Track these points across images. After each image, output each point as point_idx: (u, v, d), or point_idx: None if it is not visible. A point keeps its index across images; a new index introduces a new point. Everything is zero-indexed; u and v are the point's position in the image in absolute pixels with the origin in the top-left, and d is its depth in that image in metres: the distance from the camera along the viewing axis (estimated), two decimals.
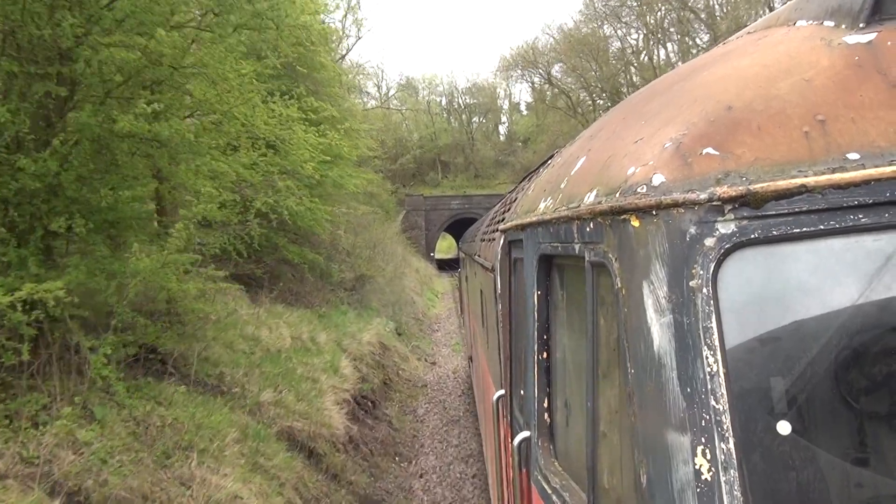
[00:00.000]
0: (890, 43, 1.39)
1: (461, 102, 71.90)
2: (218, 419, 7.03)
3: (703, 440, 1.26)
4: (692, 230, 1.33)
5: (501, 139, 71.75)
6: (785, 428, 1.27)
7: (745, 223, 1.30)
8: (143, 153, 6.75)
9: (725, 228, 1.31)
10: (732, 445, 1.25)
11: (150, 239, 7.37)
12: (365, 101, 53.10)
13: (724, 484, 1.23)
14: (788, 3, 1.81)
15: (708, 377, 1.28)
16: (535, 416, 2.49)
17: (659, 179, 1.39)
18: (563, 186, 2.12)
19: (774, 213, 1.28)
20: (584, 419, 1.86)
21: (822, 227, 1.27)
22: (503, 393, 3.69)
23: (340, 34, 34.83)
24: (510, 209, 4.21)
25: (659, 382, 1.34)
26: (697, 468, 1.25)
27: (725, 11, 44.35)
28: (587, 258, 1.73)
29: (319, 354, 11.37)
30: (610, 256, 1.55)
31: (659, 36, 50.93)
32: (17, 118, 5.46)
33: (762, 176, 1.29)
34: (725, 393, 1.27)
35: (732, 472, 1.24)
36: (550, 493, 2.21)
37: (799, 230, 1.28)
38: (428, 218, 51.91)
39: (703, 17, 45.92)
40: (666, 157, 1.42)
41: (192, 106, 7.65)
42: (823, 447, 1.28)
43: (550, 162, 3.60)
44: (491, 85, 71.76)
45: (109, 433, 5.65)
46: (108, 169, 6.60)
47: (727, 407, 1.26)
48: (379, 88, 64.84)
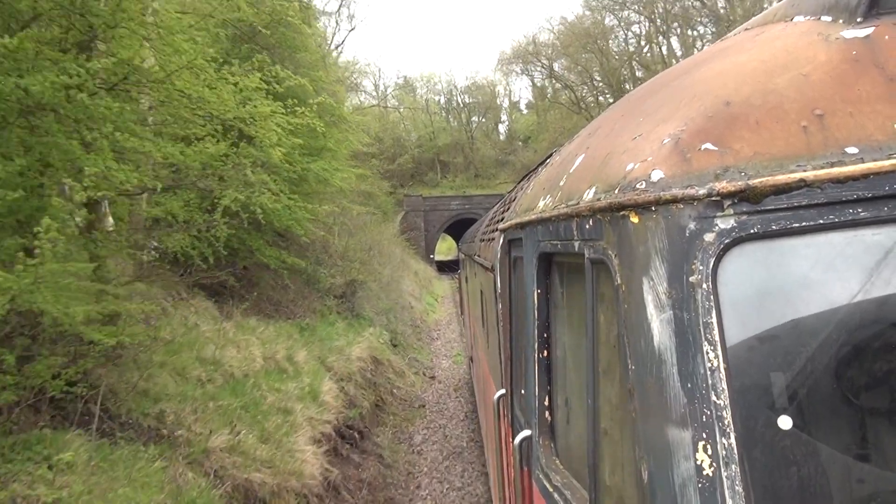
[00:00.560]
0: (887, 37, 1.39)
1: (460, 101, 71.77)
2: (135, 487, 5.14)
3: (704, 436, 1.26)
4: (691, 226, 1.34)
5: (501, 138, 71.58)
6: (786, 423, 1.27)
7: (744, 218, 1.30)
8: (14, 112, 4.96)
9: (725, 223, 1.31)
10: (734, 441, 1.25)
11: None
12: (362, 99, 52.97)
13: (725, 479, 1.23)
14: None
15: (708, 373, 1.28)
16: (535, 414, 2.49)
17: (658, 175, 1.40)
18: (562, 184, 2.12)
19: (773, 207, 1.29)
20: (584, 417, 1.86)
21: (821, 221, 1.27)
22: (504, 392, 3.69)
23: (335, 28, 34.02)
24: (509, 208, 4.21)
25: (659, 379, 1.34)
26: (699, 464, 1.25)
27: (732, 4, 44.24)
28: (587, 255, 1.73)
29: (297, 377, 9.79)
30: (609, 253, 1.55)
31: (663, 27, 50.68)
32: None
33: (761, 171, 1.30)
34: (726, 388, 1.27)
35: (734, 467, 1.24)
36: (552, 491, 2.21)
37: (798, 224, 1.28)
38: (427, 219, 51.53)
39: (706, 2, 45.65)
40: (665, 152, 1.42)
41: (115, 68, 5.75)
42: (824, 442, 1.28)
43: (549, 160, 3.61)
44: (490, 83, 71.75)
45: None
46: None
47: (728, 402, 1.27)
48: (376, 87, 65.01)
